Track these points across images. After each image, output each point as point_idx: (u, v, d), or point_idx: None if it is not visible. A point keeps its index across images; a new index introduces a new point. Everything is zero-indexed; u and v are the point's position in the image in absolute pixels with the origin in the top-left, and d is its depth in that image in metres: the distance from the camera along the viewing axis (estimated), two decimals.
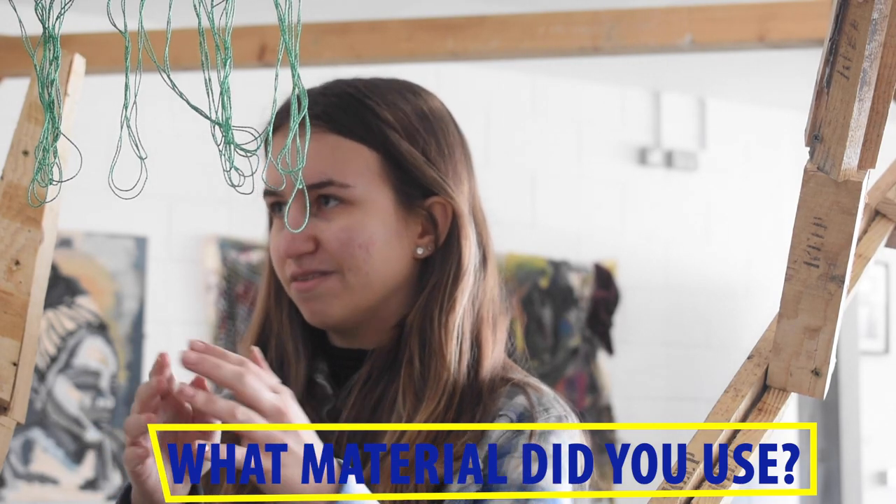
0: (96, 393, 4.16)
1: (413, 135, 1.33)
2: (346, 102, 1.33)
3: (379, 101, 1.34)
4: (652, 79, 5.03)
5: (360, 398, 1.31)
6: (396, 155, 1.32)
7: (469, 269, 1.33)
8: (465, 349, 1.31)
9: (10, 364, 1.12)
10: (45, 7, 0.76)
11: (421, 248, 1.34)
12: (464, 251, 1.33)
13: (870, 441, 5.43)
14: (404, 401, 1.28)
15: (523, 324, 4.82)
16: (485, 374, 1.31)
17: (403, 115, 1.34)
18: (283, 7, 0.73)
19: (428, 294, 1.32)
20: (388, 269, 1.32)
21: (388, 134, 1.32)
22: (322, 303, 1.31)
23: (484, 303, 1.34)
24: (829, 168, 0.85)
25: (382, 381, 1.31)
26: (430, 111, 1.37)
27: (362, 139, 1.32)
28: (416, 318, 1.31)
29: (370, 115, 1.32)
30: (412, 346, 1.30)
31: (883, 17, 0.78)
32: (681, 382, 5.10)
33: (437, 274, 1.33)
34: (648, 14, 2.35)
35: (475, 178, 1.40)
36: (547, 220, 4.92)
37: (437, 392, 1.27)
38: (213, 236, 4.34)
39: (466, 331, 1.32)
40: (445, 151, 1.36)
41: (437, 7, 3.64)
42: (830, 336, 0.93)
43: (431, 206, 1.34)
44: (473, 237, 1.35)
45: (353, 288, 1.31)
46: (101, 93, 2.53)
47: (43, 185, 0.82)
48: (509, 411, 1.28)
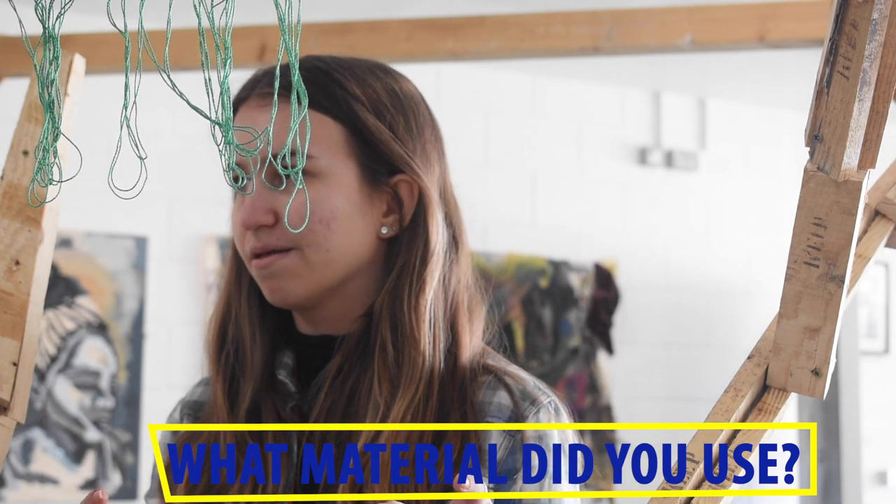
0: (96, 393, 4.16)
1: (381, 110, 1.31)
2: (313, 75, 1.30)
3: (347, 75, 1.31)
4: (652, 79, 5.03)
5: (334, 389, 1.28)
6: (362, 128, 1.29)
7: (437, 249, 1.30)
8: (438, 334, 1.28)
9: (10, 364, 1.12)
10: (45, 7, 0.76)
11: (385, 227, 1.31)
12: (430, 231, 1.30)
13: (870, 441, 5.43)
14: (380, 389, 1.25)
15: (523, 324, 4.81)
16: (464, 361, 1.28)
17: (372, 91, 1.31)
18: (283, 7, 0.73)
19: (396, 276, 1.29)
20: (351, 247, 1.28)
21: (355, 107, 1.29)
22: (282, 280, 1.28)
23: (458, 289, 1.32)
24: (829, 168, 0.85)
25: (355, 370, 1.28)
26: (401, 90, 1.34)
27: (328, 111, 1.29)
28: (385, 301, 1.28)
29: (337, 88, 1.30)
30: (383, 331, 1.27)
31: (883, 17, 0.78)
32: (681, 382, 5.10)
33: (403, 255, 1.29)
34: (648, 14, 2.35)
35: (447, 164, 1.37)
36: (547, 220, 4.92)
37: (414, 378, 1.24)
38: (213, 236, 4.34)
39: (439, 315, 1.29)
40: (414, 130, 1.32)
41: (437, 7, 3.65)
42: (830, 336, 0.93)
43: (397, 184, 1.31)
44: (441, 218, 1.32)
45: (314, 265, 1.27)
46: (101, 93, 2.53)
47: (43, 185, 0.82)
48: (497, 415, 1.25)
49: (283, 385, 1.31)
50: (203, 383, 1.41)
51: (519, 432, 1.25)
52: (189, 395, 1.42)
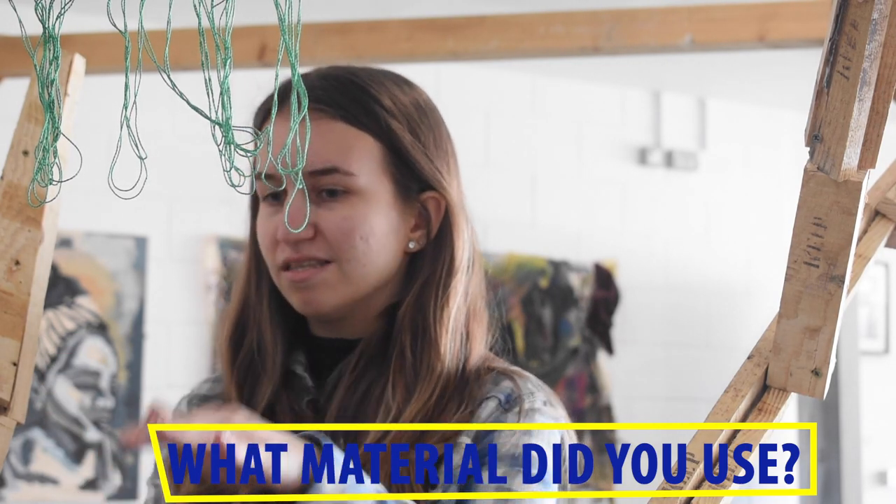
0: (96, 393, 4.16)
1: (414, 127, 1.33)
2: (348, 89, 1.31)
3: (381, 90, 1.32)
4: (652, 79, 5.03)
5: (348, 389, 1.30)
6: (399, 147, 1.31)
7: (462, 263, 1.33)
8: (459, 343, 1.31)
9: (10, 364, 1.12)
10: (45, 7, 0.76)
11: (413, 241, 1.33)
12: (456, 245, 1.33)
13: (870, 441, 5.43)
14: (394, 393, 1.27)
15: (523, 324, 4.81)
16: (472, 365, 1.31)
17: (403, 107, 1.33)
18: (283, 7, 0.73)
19: (420, 288, 1.31)
20: (384, 262, 1.31)
21: (393, 125, 1.31)
22: (316, 292, 1.30)
23: (476, 298, 1.34)
24: (829, 168, 0.85)
25: (370, 372, 1.30)
26: (426, 104, 1.36)
27: (367, 128, 1.30)
28: (409, 311, 1.30)
29: (375, 104, 1.31)
30: (403, 338, 1.29)
31: (883, 17, 0.78)
32: (681, 382, 5.10)
33: (428, 267, 1.32)
34: (648, 14, 2.35)
35: (460, 175, 1.39)
36: (547, 220, 4.92)
37: (430, 384, 1.27)
38: (213, 236, 4.34)
39: (460, 324, 1.31)
40: (442, 146, 1.35)
41: (437, 7, 3.64)
42: (830, 336, 0.93)
43: (426, 200, 1.33)
44: (467, 233, 1.35)
45: (350, 279, 1.29)
46: (101, 93, 2.53)
47: (43, 185, 0.82)
48: (497, 393, 1.28)
49: (300, 380, 1.33)
50: (211, 380, 1.42)
51: (515, 408, 1.26)
52: (196, 390, 1.44)
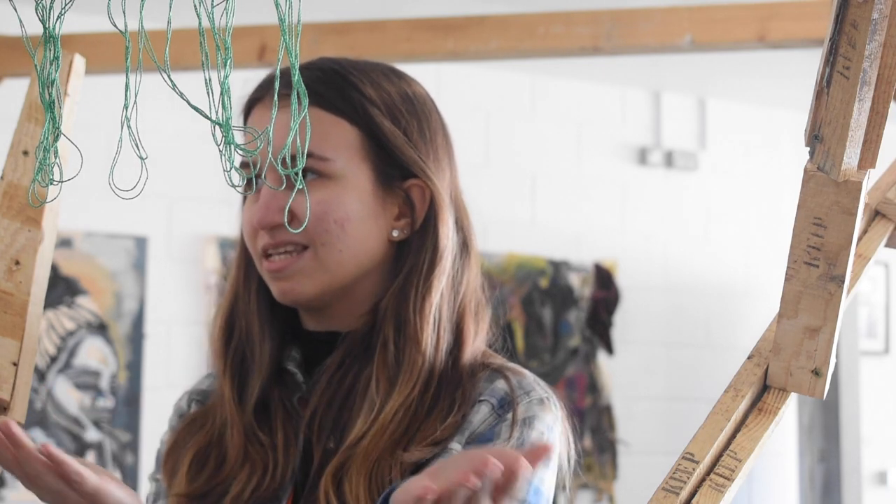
0: (96, 393, 4.16)
1: (396, 114, 1.32)
2: (329, 77, 1.31)
3: (363, 78, 1.32)
4: (652, 79, 5.03)
5: (333, 383, 1.29)
6: (378, 133, 1.31)
7: (446, 254, 1.31)
8: (442, 335, 1.29)
9: (10, 364, 1.12)
10: (46, 7, 0.76)
11: (396, 230, 1.32)
12: (441, 236, 1.31)
13: (870, 441, 5.43)
14: (377, 386, 1.26)
15: (523, 324, 4.82)
16: (465, 361, 1.30)
17: (387, 95, 1.32)
18: (283, 7, 0.73)
19: (404, 278, 1.30)
20: (362, 249, 1.30)
21: (371, 111, 1.31)
22: (293, 281, 1.29)
23: (467, 292, 1.33)
24: (829, 168, 0.85)
25: (355, 365, 1.30)
26: (414, 94, 1.35)
27: (344, 114, 1.30)
28: (391, 301, 1.30)
29: (353, 91, 1.31)
30: (386, 330, 1.29)
31: (883, 17, 0.78)
32: (681, 382, 5.10)
33: (412, 258, 1.31)
34: (648, 14, 2.35)
35: (456, 168, 1.38)
36: (547, 220, 4.92)
37: (412, 378, 1.26)
38: (213, 236, 4.34)
39: (444, 317, 1.30)
40: (427, 135, 1.34)
41: (437, 7, 3.64)
42: (830, 336, 0.94)
43: (410, 188, 1.32)
44: (451, 223, 1.33)
45: (327, 265, 1.29)
46: (101, 93, 2.53)
47: (43, 185, 0.82)
48: (490, 396, 1.26)
49: (291, 376, 1.33)
50: (210, 376, 1.43)
51: (508, 415, 1.25)
52: (197, 385, 1.44)
